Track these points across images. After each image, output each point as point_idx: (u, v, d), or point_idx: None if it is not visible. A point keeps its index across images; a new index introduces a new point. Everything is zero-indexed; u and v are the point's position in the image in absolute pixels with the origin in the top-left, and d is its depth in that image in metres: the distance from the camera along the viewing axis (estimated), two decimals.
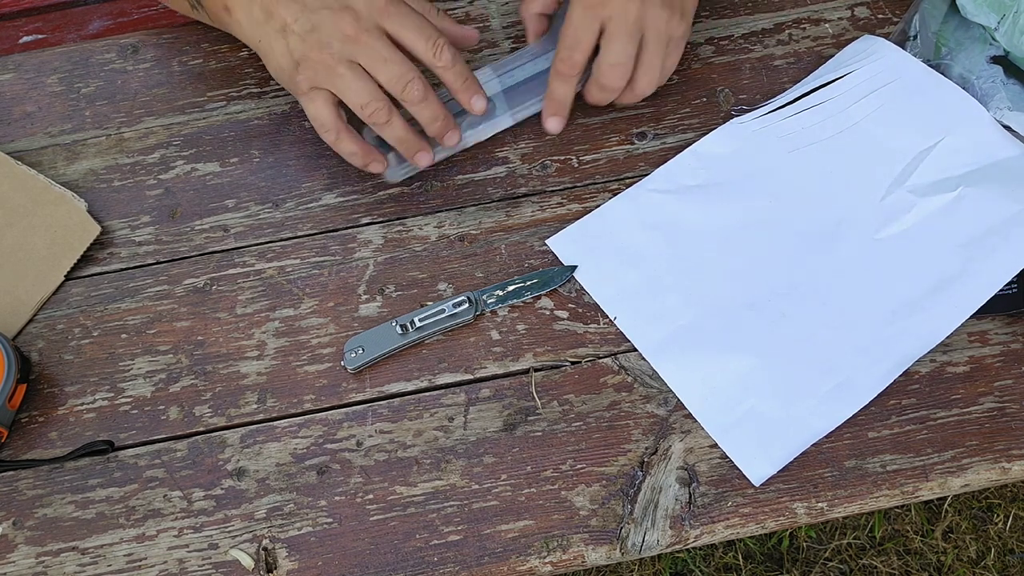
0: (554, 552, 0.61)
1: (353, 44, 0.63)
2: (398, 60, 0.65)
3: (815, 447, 0.63)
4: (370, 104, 0.65)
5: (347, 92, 0.65)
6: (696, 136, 0.76)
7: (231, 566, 0.62)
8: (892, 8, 0.81)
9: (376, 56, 0.64)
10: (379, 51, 0.64)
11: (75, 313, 0.71)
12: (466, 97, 0.69)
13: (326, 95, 0.65)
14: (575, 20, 0.68)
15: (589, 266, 0.70)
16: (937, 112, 0.73)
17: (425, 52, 0.65)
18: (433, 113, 0.67)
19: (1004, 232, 0.68)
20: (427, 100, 0.66)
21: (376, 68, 0.64)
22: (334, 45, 0.64)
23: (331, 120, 0.66)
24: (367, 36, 0.63)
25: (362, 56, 0.64)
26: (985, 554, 1.41)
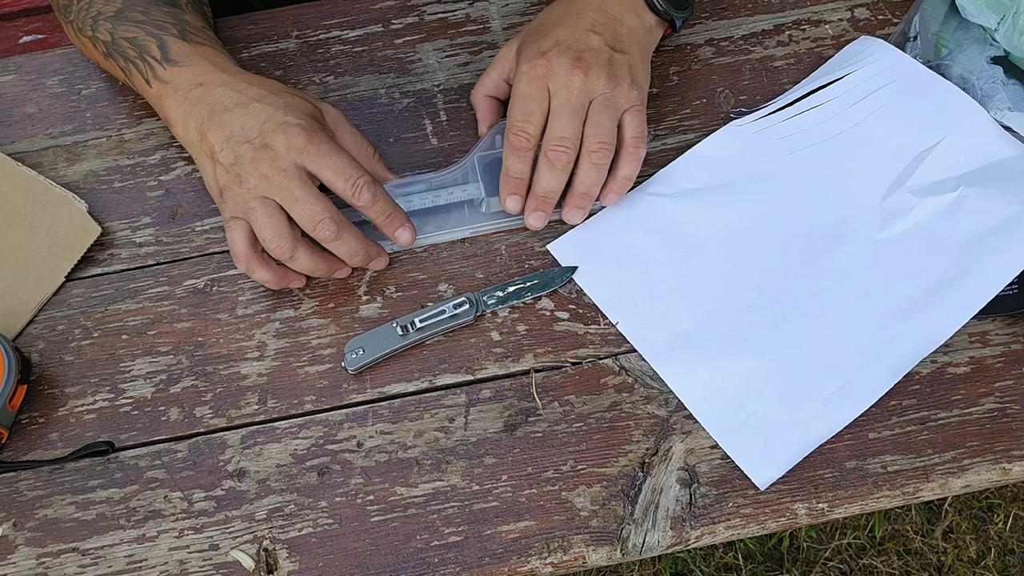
0: (555, 553, 0.61)
1: (267, 182, 0.64)
2: (311, 199, 0.64)
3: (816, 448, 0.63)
4: (272, 240, 0.64)
5: (256, 226, 0.65)
6: (696, 137, 0.76)
7: (232, 567, 0.62)
8: (892, 9, 0.81)
9: (288, 196, 0.64)
10: (291, 191, 0.64)
11: (76, 314, 0.71)
12: (390, 231, 0.68)
13: (243, 226, 0.66)
14: (522, 90, 0.68)
15: (590, 269, 0.70)
16: (936, 113, 0.73)
17: (344, 192, 0.65)
18: (350, 250, 0.67)
19: (1005, 233, 0.68)
20: (340, 238, 0.66)
21: (288, 205, 0.64)
22: (251, 181, 0.64)
23: (243, 252, 0.66)
24: (281, 176, 0.64)
25: (275, 194, 0.64)
26: (985, 554, 1.41)
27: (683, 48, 0.80)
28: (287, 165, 0.64)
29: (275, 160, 0.64)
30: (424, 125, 0.77)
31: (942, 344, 0.66)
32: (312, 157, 0.64)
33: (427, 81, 0.79)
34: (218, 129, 0.66)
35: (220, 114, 0.66)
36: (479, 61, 0.80)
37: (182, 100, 0.68)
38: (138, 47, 0.71)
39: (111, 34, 0.72)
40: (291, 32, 0.82)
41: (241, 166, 0.64)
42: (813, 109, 0.75)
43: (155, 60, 0.70)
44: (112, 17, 0.72)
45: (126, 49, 0.71)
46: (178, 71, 0.69)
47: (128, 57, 0.71)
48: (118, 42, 0.71)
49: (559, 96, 0.67)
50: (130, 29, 0.71)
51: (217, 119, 0.66)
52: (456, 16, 0.82)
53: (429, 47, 0.81)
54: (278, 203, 0.64)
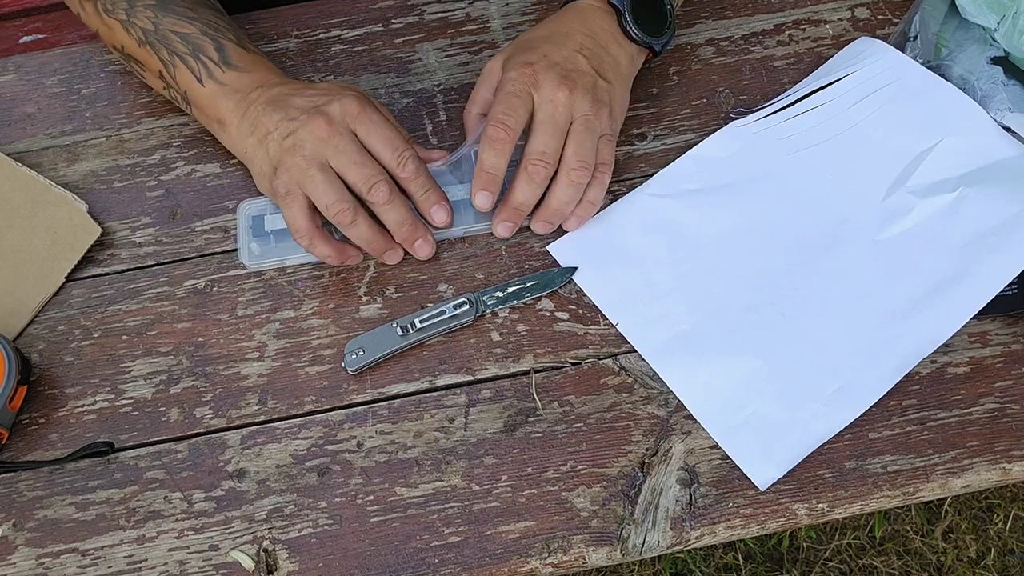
0: (555, 553, 0.61)
1: (324, 145, 0.65)
2: (366, 163, 0.65)
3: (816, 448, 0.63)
4: (335, 204, 0.65)
5: (316, 192, 0.65)
6: (696, 137, 0.76)
7: (232, 567, 0.62)
8: (892, 9, 0.81)
9: (345, 157, 0.65)
10: (348, 153, 0.65)
11: (76, 314, 0.71)
12: (426, 207, 0.69)
13: (301, 200, 0.66)
14: (507, 89, 0.67)
15: (590, 270, 0.70)
16: (936, 113, 0.73)
17: (390, 161, 0.66)
18: (399, 217, 0.67)
19: (1005, 232, 0.68)
20: (392, 203, 0.66)
21: (344, 168, 0.65)
22: (307, 147, 0.65)
23: (304, 225, 0.66)
24: (338, 138, 0.65)
25: (332, 157, 0.65)
26: (985, 554, 1.41)
27: (683, 48, 0.80)
28: (342, 129, 0.65)
29: (331, 123, 0.65)
30: (424, 125, 0.77)
31: (942, 344, 0.66)
32: (363, 124, 0.66)
33: (427, 81, 0.79)
34: (273, 112, 0.67)
35: (276, 102, 0.67)
36: (479, 61, 0.80)
37: (241, 100, 0.69)
38: (191, 44, 0.71)
39: (154, 24, 0.71)
40: (291, 31, 0.82)
41: (297, 135, 0.65)
42: (813, 110, 0.75)
43: (212, 61, 0.70)
44: (154, 6, 0.72)
45: (174, 43, 0.71)
46: (238, 75, 0.70)
47: (176, 51, 0.71)
48: (164, 33, 0.71)
49: (543, 110, 0.67)
50: (180, 24, 0.71)
51: (273, 106, 0.67)
52: (456, 16, 0.82)
53: (429, 47, 0.81)
54: (334, 169, 0.65)
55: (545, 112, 0.67)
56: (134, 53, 0.74)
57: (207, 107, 0.71)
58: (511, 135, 0.67)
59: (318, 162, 0.65)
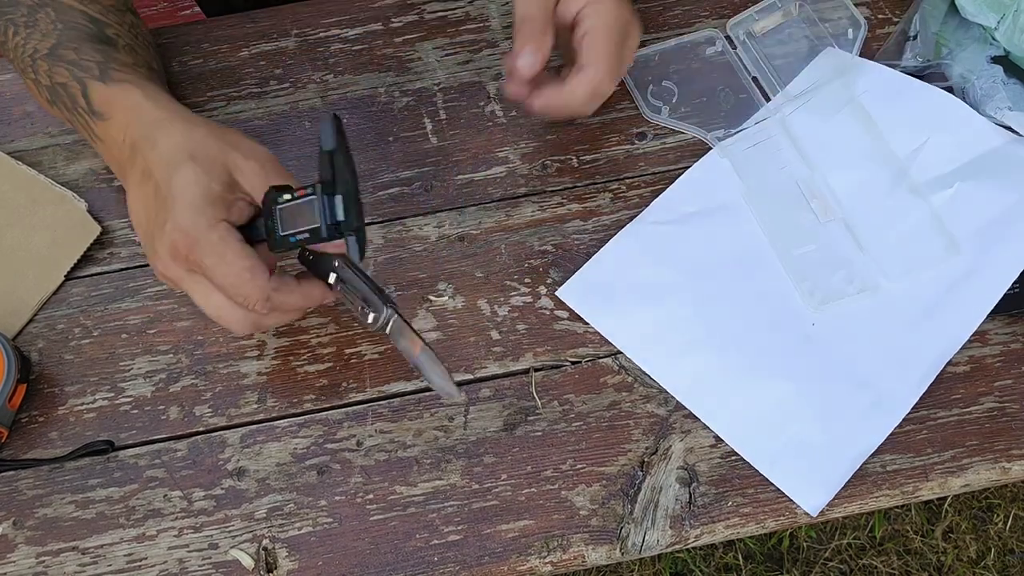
0: (554, 552, 0.61)
1: (173, 284, 0.61)
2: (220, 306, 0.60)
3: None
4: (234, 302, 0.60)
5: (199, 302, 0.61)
6: (695, 135, 0.76)
7: (231, 566, 0.62)
8: (892, 8, 0.81)
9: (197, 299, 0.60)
10: (196, 296, 0.60)
11: (75, 313, 0.71)
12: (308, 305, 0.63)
13: None
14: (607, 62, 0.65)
15: (605, 312, 0.68)
16: (919, 113, 0.73)
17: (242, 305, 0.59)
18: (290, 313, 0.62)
19: (1007, 221, 0.68)
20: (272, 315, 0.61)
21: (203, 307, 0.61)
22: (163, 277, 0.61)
23: None
24: (180, 281, 0.60)
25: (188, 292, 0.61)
26: (985, 554, 1.41)
27: (683, 47, 0.80)
28: (179, 274, 0.59)
29: (166, 268, 0.59)
30: (424, 124, 0.77)
31: None
32: (196, 267, 0.58)
33: (427, 80, 0.79)
34: (131, 207, 0.62)
35: (130, 188, 0.62)
36: (479, 59, 0.80)
37: (113, 160, 0.64)
38: (70, 96, 0.65)
39: (49, 77, 0.65)
40: (290, 31, 0.82)
41: (150, 261, 0.61)
42: (796, 122, 0.74)
43: (85, 113, 0.64)
44: (47, 55, 0.65)
45: (63, 99, 0.65)
46: (106, 126, 0.63)
47: (68, 107, 0.65)
48: (56, 89, 0.65)
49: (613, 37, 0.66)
50: (61, 72, 0.65)
51: (129, 194, 0.62)
52: (456, 15, 0.82)
53: (429, 46, 0.81)
54: None
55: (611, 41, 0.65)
56: (57, 116, 0.69)
57: (112, 167, 0.66)
58: None
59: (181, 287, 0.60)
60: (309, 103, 0.79)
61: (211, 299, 0.59)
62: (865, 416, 0.64)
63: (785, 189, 0.72)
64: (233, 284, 0.57)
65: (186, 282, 0.59)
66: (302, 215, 0.56)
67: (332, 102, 0.78)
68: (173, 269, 0.59)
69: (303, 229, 0.56)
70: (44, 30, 0.67)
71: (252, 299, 0.58)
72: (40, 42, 0.66)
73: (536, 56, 0.65)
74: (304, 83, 0.80)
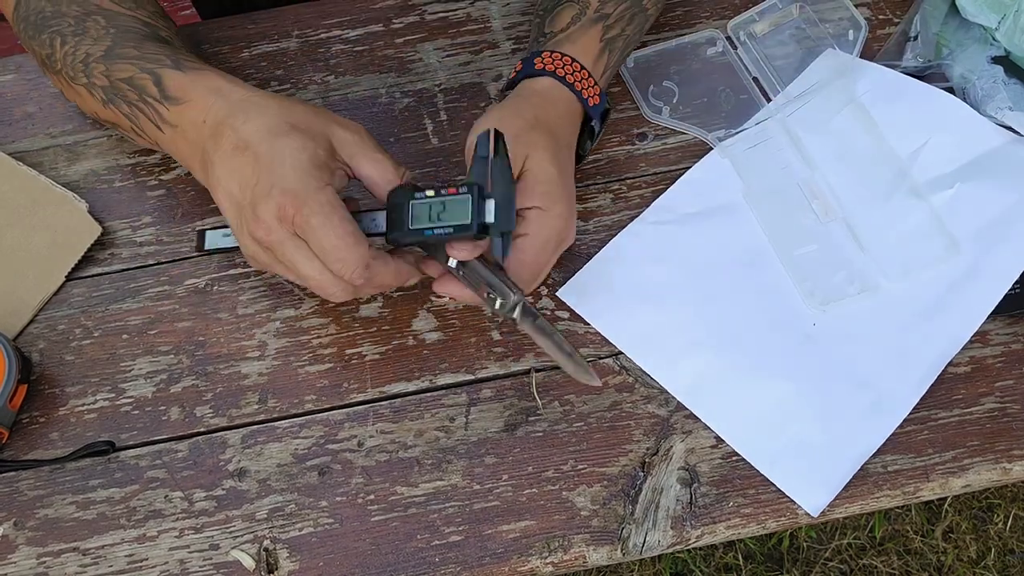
0: (555, 552, 0.61)
1: (267, 253, 0.60)
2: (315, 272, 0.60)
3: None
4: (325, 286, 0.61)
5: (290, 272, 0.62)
6: (695, 137, 0.76)
7: (232, 567, 0.62)
8: (892, 9, 0.81)
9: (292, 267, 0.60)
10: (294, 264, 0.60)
11: (76, 314, 0.71)
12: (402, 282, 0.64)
13: None
14: None
15: (606, 313, 0.68)
16: (920, 114, 0.73)
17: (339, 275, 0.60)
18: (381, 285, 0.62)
19: (1008, 221, 0.68)
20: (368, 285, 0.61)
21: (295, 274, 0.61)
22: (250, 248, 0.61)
23: None
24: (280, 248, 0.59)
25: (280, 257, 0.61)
26: (985, 554, 1.41)
27: (683, 47, 0.80)
28: (282, 237, 0.59)
29: (269, 232, 0.59)
30: (425, 125, 0.77)
31: None
32: (301, 230, 0.58)
33: (428, 80, 0.79)
34: (218, 185, 0.61)
35: (218, 162, 0.61)
36: (480, 60, 0.80)
37: (192, 143, 0.64)
38: (136, 88, 0.65)
39: (107, 77, 0.66)
40: (292, 31, 0.82)
41: (244, 236, 0.61)
42: (797, 122, 0.74)
43: (156, 101, 0.64)
44: (103, 57, 0.66)
45: (126, 92, 0.65)
46: (181, 111, 0.64)
47: (130, 101, 0.66)
48: (116, 85, 0.66)
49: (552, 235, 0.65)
50: (124, 67, 0.65)
51: (216, 169, 0.61)
52: (457, 15, 0.82)
53: (430, 46, 0.81)
54: None
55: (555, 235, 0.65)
56: (108, 118, 0.69)
57: (177, 154, 0.66)
58: None
59: (277, 262, 0.61)
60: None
61: (313, 264, 0.59)
62: (866, 416, 0.64)
63: (786, 189, 0.72)
64: (336, 247, 0.58)
65: (288, 247, 0.59)
66: (447, 212, 0.60)
67: (333, 103, 0.78)
68: (277, 232, 0.58)
69: (448, 224, 0.60)
70: (96, 36, 0.67)
71: (351, 265, 0.58)
72: (92, 47, 0.67)
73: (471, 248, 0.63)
74: (305, 84, 0.80)
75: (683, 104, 0.77)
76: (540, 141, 0.64)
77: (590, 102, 0.68)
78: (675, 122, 0.76)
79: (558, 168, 0.64)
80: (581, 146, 0.71)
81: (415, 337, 0.69)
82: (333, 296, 0.61)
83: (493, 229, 0.60)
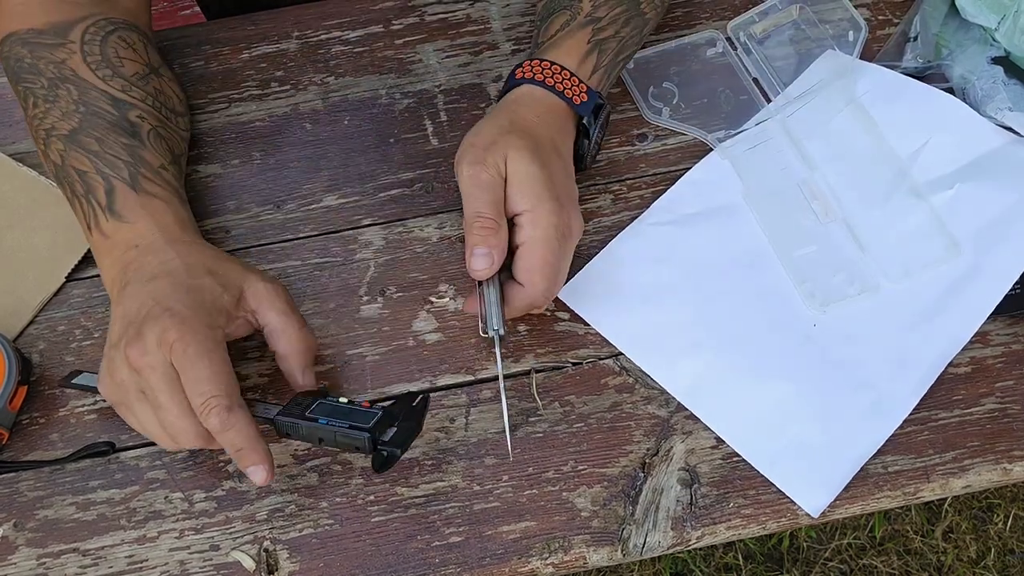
0: (556, 553, 0.61)
1: (137, 375, 0.57)
2: (174, 409, 0.57)
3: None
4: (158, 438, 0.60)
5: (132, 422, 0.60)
6: (693, 136, 0.76)
7: (233, 567, 0.62)
8: (892, 9, 0.81)
9: (153, 398, 0.58)
10: (155, 394, 0.57)
11: (76, 314, 0.71)
12: (242, 466, 0.58)
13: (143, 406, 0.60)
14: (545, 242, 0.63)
15: (606, 313, 0.68)
16: (920, 114, 0.73)
17: (195, 408, 0.57)
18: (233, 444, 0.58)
19: (1008, 222, 0.68)
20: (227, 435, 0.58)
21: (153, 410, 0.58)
22: (122, 372, 0.58)
23: None
24: (149, 372, 0.57)
25: (145, 390, 0.58)
26: (985, 554, 1.41)
27: (683, 48, 0.80)
28: (154, 362, 0.56)
29: (143, 354, 0.57)
30: (425, 126, 0.77)
31: None
32: (177, 357, 0.56)
33: (428, 81, 0.79)
34: (121, 303, 0.61)
35: (134, 285, 0.61)
36: (480, 61, 0.80)
37: (116, 261, 0.63)
38: (86, 185, 0.65)
39: (62, 157, 0.66)
40: (292, 32, 0.82)
41: (116, 351, 0.59)
42: (797, 123, 0.74)
43: (99, 206, 0.64)
44: (66, 137, 0.66)
45: (74, 182, 0.65)
46: (119, 227, 0.64)
47: (75, 192, 0.66)
48: (67, 170, 0.66)
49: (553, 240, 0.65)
50: (81, 159, 0.65)
51: (128, 290, 0.61)
52: (457, 16, 0.82)
53: (430, 48, 0.81)
54: None
55: None
56: (56, 184, 0.69)
57: (98, 258, 0.66)
58: None
59: (135, 390, 0.58)
60: (310, 105, 0.79)
61: (174, 397, 0.57)
62: (866, 417, 0.64)
63: (786, 190, 0.72)
64: (207, 377, 0.56)
65: (157, 372, 0.56)
66: (350, 416, 0.60)
67: (333, 104, 0.78)
68: (153, 355, 0.56)
69: (346, 422, 0.59)
70: (65, 109, 0.67)
71: (218, 398, 0.56)
72: (60, 121, 0.67)
73: (489, 258, 0.64)
74: (305, 85, 0.80)
75: (683, 105, 0.77)
76: (515, 142, 0.64)
77: (575, 100, 0.68)
78: (675, 123, 0.76)
79: (539, 164, 0.64)
80: (578, 145, 0.71)
81: (415, 338, 0.69)
82: (183, 437, 0.58)
83: (383, 446, 0.58)
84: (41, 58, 0.68)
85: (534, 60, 0.69)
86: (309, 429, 0.60)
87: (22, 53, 0.69)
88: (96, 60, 0.68)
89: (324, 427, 0.59)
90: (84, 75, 0.68)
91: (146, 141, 0.68)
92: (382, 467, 0.58)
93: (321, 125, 0.78)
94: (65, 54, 0.68)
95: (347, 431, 0.59)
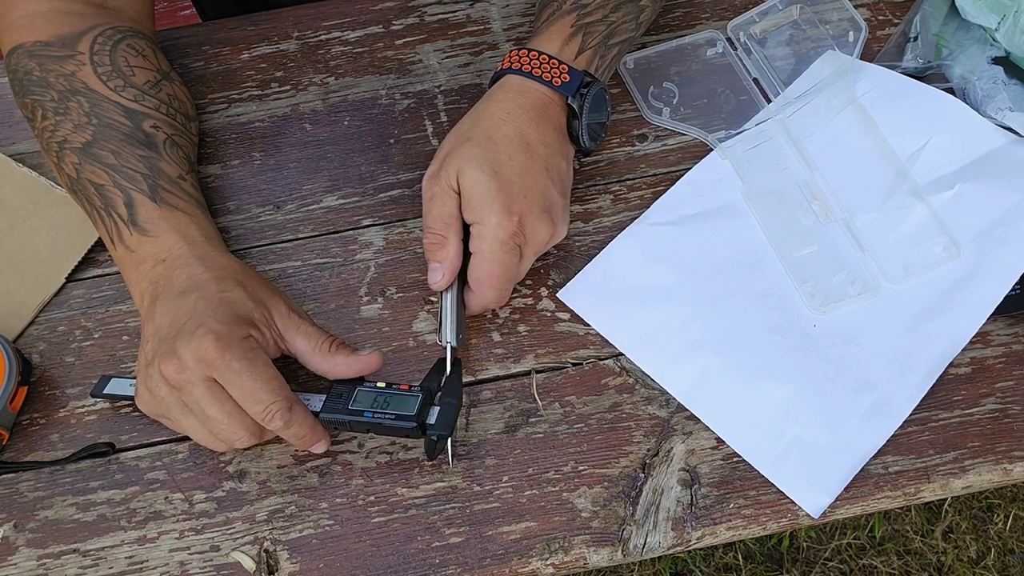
0: (556, 554, 0.61)
1: (178, 392, 0.59)
2: (224, 417, 0.58)
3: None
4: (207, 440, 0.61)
5: (183, 430, 0.61)
6: (694, 136, 0.76)
7: (233, 568, 0.62)
8: (892, 9, 0.81)
9: (198, 411, 0.59)
10: (201, 407, 0.58)
11: (76, 315, 0.71)
12: (306, 448, 0.63)
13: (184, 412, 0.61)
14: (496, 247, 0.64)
15: (607, 314, 0.68)
16: (920, 114, 0.73)
17: (256, 417, 0.59)
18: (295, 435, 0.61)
19: (1009, 223, 0.68)
20: (286, 428, 0.60)
21: (201, 423, 0.60)
22: (161, 389, 0.59)
23: None
24: (190, 388, 0.58)
25: (188, 403, 0.59)
26: (985, 554, 1.41)
27: (683, 48, 0.80)
28: (194, 378, 0.57)
29: (181, 371, 0.57)
30: (425, 126, 0.77)
31: None
32: (221, 373, 0.57)
33: (428, 82, 0.79)
34: (152, 319, 0.61)
35: (164, 300, 0.62)
36: (480, 62, 0.80)
37: (143, 276, 0.64)
38: (104, 198, 0.65)
39: (76, 170, 0.66)
40: (292, 33, 0.82)
41: (152, 369, 0.59)
42: (797, 123, 0.74)
43: (121, 220, 0.65)
44: (80, 150, 0.66)
45: (92, 196, 0.66)
46: (144, 241, 0.64)
47: (94, 205, 0.66)
48: (83, 183, 0.66)
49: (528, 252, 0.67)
50: (97, 172, 0.65)
51: (159, 305, 0.61)
52: (457, 17, 0.82)
53: (430, 48, 0.81)
54: None
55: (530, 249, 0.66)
56: (72, 197, 0.69)
57: (124, 272, 0.66)
58: None
59: (177, 404, 0.59)
60: (310, 105, 0.79)
61: (223, 407, 0.58)
62: (866, 418, 0.64)
63: (786, 191, 0.72)
64: (261, 387, 0.58)
65: (199, 388, 0.57)
66: (391, 403, 0.62)
67: (333, 104, 0.78)
68: (191, 371, 0.57)
69: (390, 412, 0.62)
70: (77, 121, 0.67)
71: (277, 405, 0.58)
72: (72, 133, 0.67)
73: (439, 271, 0.66)
74: (305, 85, 0.80)
75: (683, 105, 0.77)
76: (468, 151, 0.65)
77: (554, 82, 0.68)
78: (675, 123, 0.76)
79: (489, 174, 0.64)
80: (570, 126, 0.69)
81: (415, 339, 0.69)
82: (231, 443, 0.60)
83: (431, 430, 0.61)
84: (50, 71, 0.68)
85: (512, 52, 0.69)
86: (356, 423, 0.62)
87: (30, 66, 0.68)
88: (107, 71, 0.68)
89: (370, 421, 0.62)
90: (95, 87, 0.68)
91: (163, 151, 0.68)
92: (434, 453, 0.62)
93: (321, 126, 0.78)
94: (75, 66, 0.68)
95: (394, 422, 0.61)
